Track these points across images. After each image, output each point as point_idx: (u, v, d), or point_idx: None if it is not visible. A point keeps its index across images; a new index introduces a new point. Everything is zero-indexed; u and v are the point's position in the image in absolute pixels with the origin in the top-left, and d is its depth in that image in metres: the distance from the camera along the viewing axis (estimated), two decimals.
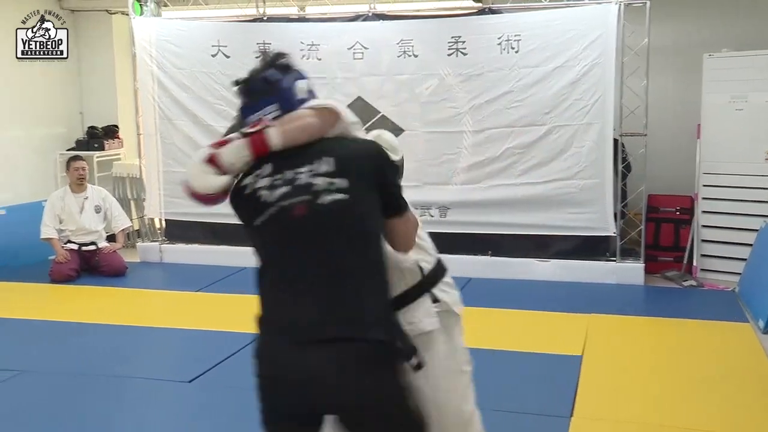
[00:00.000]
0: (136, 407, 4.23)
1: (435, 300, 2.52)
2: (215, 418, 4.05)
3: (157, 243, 7.89)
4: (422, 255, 2.55)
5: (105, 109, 8.80)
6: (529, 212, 6.70)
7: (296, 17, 7.57)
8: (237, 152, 2.16)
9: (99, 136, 8.57)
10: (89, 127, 8.68)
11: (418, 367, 2.16)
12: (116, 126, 8.75)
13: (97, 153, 8.41)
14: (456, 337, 2.59)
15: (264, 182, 2.13)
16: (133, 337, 5.49)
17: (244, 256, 3.24)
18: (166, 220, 7.90)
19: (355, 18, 7.05)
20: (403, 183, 2.38)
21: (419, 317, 2.47)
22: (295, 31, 7.16)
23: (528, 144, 6.63)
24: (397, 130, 6.86)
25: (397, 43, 6.83)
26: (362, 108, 6.91)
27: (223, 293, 6.42)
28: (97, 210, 7.29)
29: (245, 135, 2.17)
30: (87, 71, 8.81)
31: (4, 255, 7.31)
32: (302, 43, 7.03)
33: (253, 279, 2.22)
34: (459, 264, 6.58)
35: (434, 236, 2.74)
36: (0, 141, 7.35)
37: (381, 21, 6.95)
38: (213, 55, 7.27)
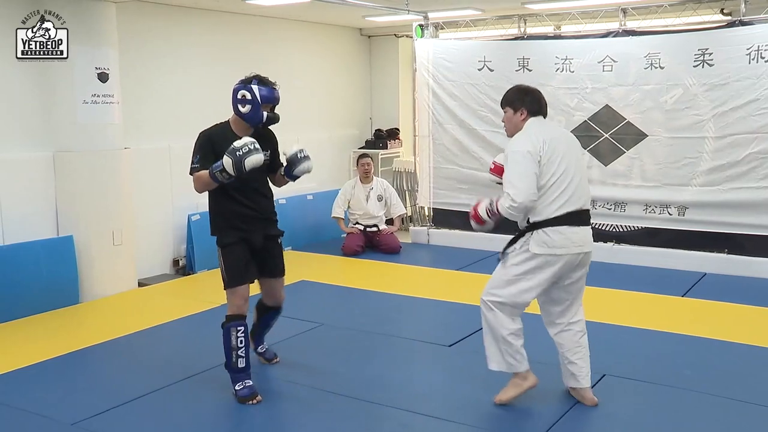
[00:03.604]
0: (403, 363, 4.54)
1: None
2: (472, 380, 4.20)
3: (426, 228, 8.52)
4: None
5: (389, 114, 9.70)
6: None
7: (552, 35, 7.75)
8: None
9: (383, 137, 9.48)
10: (376, 130, 9.64)
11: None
12: (397, 129, 9.62)
13: (381, 151, 9.32)
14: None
15: None
16: (403, 304, 5.97)
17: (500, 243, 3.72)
18: (433, 208, 8.49)
19: (607, 34, 7.16)
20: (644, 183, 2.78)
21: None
22: (551, 47, 7.42)
23: None
24: (640, 135, 6.99)
25: (645, 56, 6.90)
26: (609, 115, 7.12)
27: (480, 273, 6.51)
28: (379, 199, 8.05)
29: None
30: (377, 84, 9.81)
31: (310, 232, 8.33)
32: (557, 57, 7.33)
33: None
34: (695, 259, 6.68)
35: (672, 232, 2.86)
36: (311, 140, 7.93)
37: (630, 36, 7.01)
38: (479, 69, 7.74)
